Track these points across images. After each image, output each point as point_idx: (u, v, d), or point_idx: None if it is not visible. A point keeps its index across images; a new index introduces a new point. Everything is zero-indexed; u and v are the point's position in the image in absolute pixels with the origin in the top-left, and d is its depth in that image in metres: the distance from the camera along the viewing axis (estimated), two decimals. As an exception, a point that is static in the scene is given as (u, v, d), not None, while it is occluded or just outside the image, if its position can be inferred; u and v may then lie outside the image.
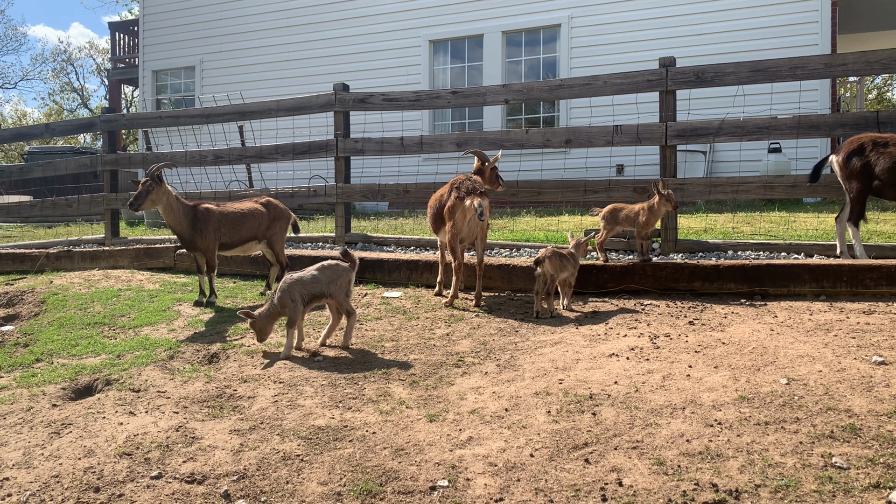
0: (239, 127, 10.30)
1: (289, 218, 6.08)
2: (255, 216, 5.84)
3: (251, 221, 5.82)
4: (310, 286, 4.28)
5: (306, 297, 4.27)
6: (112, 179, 9.11)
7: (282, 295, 4.24)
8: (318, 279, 4.30)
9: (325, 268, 4.35)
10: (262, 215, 5.87)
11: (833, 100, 12.19)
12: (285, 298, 4.23)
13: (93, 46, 48.42)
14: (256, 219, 5.85)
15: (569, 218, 9.25)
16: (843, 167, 5.49)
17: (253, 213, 5.85)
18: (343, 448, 2.99)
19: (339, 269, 4.36)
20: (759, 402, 3.15)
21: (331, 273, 4.34)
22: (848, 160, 5.44)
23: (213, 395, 3.68)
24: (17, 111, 46.93)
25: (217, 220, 5.67)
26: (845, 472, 2.52)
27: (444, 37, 14.77)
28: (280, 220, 5.99)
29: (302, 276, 4.30)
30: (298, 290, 4.25)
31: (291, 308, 4.22)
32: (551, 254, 4.88)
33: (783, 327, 4.28)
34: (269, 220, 5.91)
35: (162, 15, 17.68)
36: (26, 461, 3.00)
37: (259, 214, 5.86)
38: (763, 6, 12.29)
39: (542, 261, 4.84)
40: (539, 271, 4.88)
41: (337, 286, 4.33)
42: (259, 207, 5.90)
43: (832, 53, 11.33)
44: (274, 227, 5.94)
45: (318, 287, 4.29)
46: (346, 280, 4.37)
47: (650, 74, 6.33)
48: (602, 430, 2.99)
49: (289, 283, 4.28)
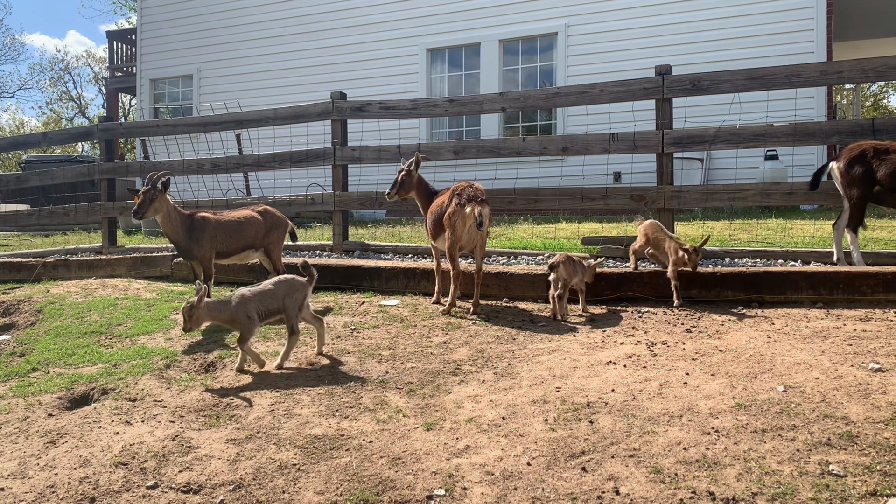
0: (236, 135, 10.32)
1: (286, 226, 6.06)
2: (251, 224, 5.83)
3: (248, 230, 5.80)
4: (267, 301, 4.13)
5: (262, 313, 4.12)
6: (109, 188, 9.11)
7: (236, 310, 4.05)
8: (274, 294, 4.17)
9: (282, 282, 4.24)
10: (258, 224, 5.86)
11: (829, 107, 12.23)
12: (240, 315, 4.04)
13: (90, 55, 48.54)
14: (253, 227, 5.83)
15: (566, 225, 9.26)
16: (844, 174, 5.50)
17: (250, 221, 5.83)
18: (340, 457, 2.99)
19: (295, 284, 4.25)
20: (756, 409, 3.15)
21: (287, 287, 4.22)
22: (849, 167, 5.45)
23: (210, 404, 3.67)
24: (14, 120, 46.98)
25: (213, 229, 5.65)
26: (842, 480, 2.51)
27: (441, 45, 14.81)
28: (277, 228, 5.97)
29: (258, 292, 4.15)
30: (254, 307, 4.08)
31: (246, 325, 4.04)
32: (565, 258, 5.03)
33: (780, 334, 4.29)
34: (265, 229, 5.89)
35: (160, 24, 17.72)
36: (21, 471, 2.99)
37: (256, 223, 5.85)
38: (759, 14, 12.34)
39: (557, 265, 4.97)
40: (553, 276, 5.01)
41: (292, 300, 4.20)
42: (256, 216, 5.89)
43: (828, 61, 11.38)
44: (271, 235, 5.92)
45: (275, 303, 4.16)
46: (301, 294, 4.25)
47: (646, 82, 6.35)
48: (599, 439, 2.98)
49: (244, 299, 4.09)
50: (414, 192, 5.87)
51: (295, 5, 16.01)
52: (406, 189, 5.81)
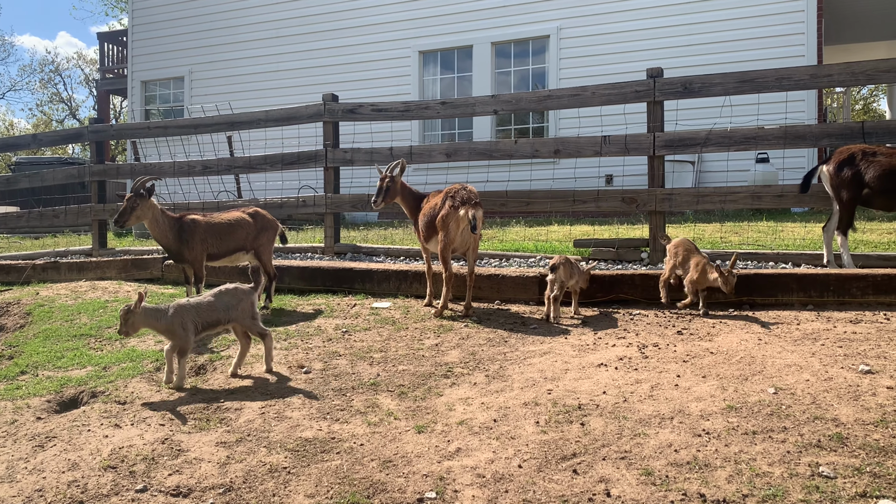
0: (228, 137, 10.29)
1: (276, 228, 6.03)
2: (242, 226, 5.80)
3: (238, 232, 5.78)
4: (205, 314, 3.98)
5: (200, 325, 3.96)
6: (100, 190, 9.07)
7: (172, 320, 3.89)
8: (214, 306, 4.01)
9: (223, 293, 4.08)
10: (249, 225, 5.83)
11: (820, 110, 12.30)
12: (175, 326, 3.88)
13: (81, 57, 48.33)
14: (244, 229, 5.80)
15: (558, 227, 9.27)
16: (833, 177, 5.52)
17: (240, 223, 5.81)
18: (330, 460, 2.97)
19: (238, 293, 4.10)
20: (747, 411, 3.16)
21: (229, 298, 4.07)
22: (839, 170, 5.48)
23: (200, 406, 3.66)
24: (4, 121, 46.72)
25: (204, 231, 5.63)
26: (832, 482, 2.52)
27: (433, 48, 14.81)
28: (267, 230, 5.94)
29: (198, 303, 4.01)
30: (192, 319, 3.93)
31: (182, 337, 3.89)
32: (564, 261, 5.06)
33: (771, 336, 4.30)
34: (256, 231, 5.86)
35: (151, 25, 17.65)
36: (9, 475, 2.97)
37: (246, 225, 5.82)
38: (750, 17, 12.40)
39: (557, 267, 5.01)
40: (552, 277, 5.04)
41: (239, 311, 4.05)
42: (246, 218, 5.86)
43: (818, 64, 11.44)
44: (261, 237, 5.89)
45: (215, 315, 4.00)
46: (248, 303, 4.10)
47: (638, 85, 6.36)
48: (590, 441, 2.98)
49: (181, 310, 3.93)
50: (399, 197, 5.85)
51: (287, 7, 15.99)
52: (391, 195, 5.78)
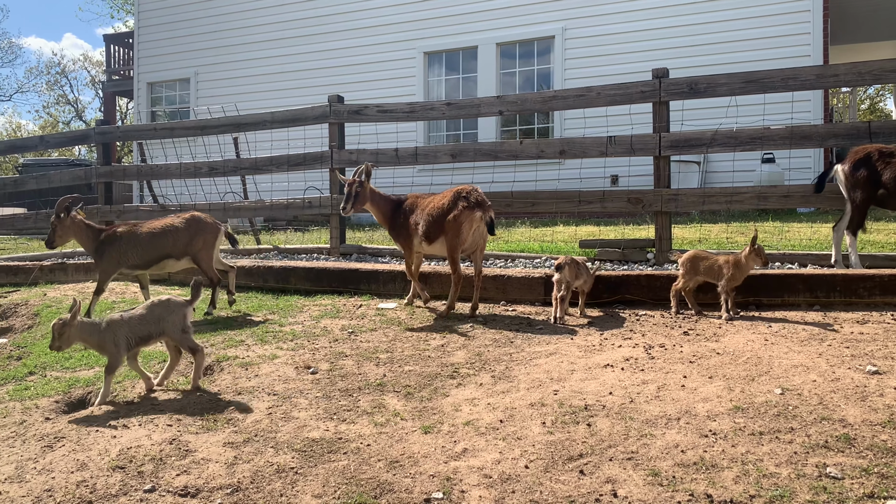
0: (234, 139, 10.32)
1: (216, 232, 5.83)
2: (168, 234, 5.67)
3: (164, 239, 5.65)
4: (137, 328, 3.86)
5: (133, 340, 3.84)
6: (107, 191, 9.12)
7: (104, 335, 3.78)
8: (146, 319, 3.89)
9: (156, 305, 3.96)
10: (178, 232, 5.68)
11: (826, 110, 12.27)
12: (107, 341, 3.78)
13: (87, 59, 48.53)
14: (171, 236, 5.67)
15: (564, 228, 9.27)
16: (848, 176, 5.50)
17: (167, 230, 5.68)
18: (337, 460, 2.98)
19: (171, 305, 3.96)
20: (754, 412, 3.15)
21: (162, 310, 3.94)
22: (855, 169, 5.46)
23: (207, 407, 3.67)
24: (11, 123, 46.98)
25: (124, 244, 5.61)
26: (840, 482, 2.52)
27: (438, 49, 14.83)
28: (203, 234, 5.75)
29: (130, 317, 3.88)
30: (124, 334, 3.81)
31: (113, 353, 3.78)
32: (570, 261, 5.06)
33: (777, 337, 4.29)
34: (188, 237, 5.69)
35: (157, 27, 17.72)
36: (18, 475, 2.98)
37: (174, 231, 5.68)
38: (756, 17, 12.38)
39: (563, 267, 5.01)
40: (558, 277, 5.03)
41: (169, 324, 3.91)
42: (176, 224, 5.72)
43: (824, 64, 11.43)
44: (195, 243, 5.72)
45: (147, 328, 3.88)
46: (180, 315, 3.95)
47: (643, 86, 6.36)
48: (597, 441, 2.98)
49: (114, 324, 3.82)
50: (369, 203, 5.65)
51: (293, 9, 16.03)
52: (361, 201, 5.58)
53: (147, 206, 10.09)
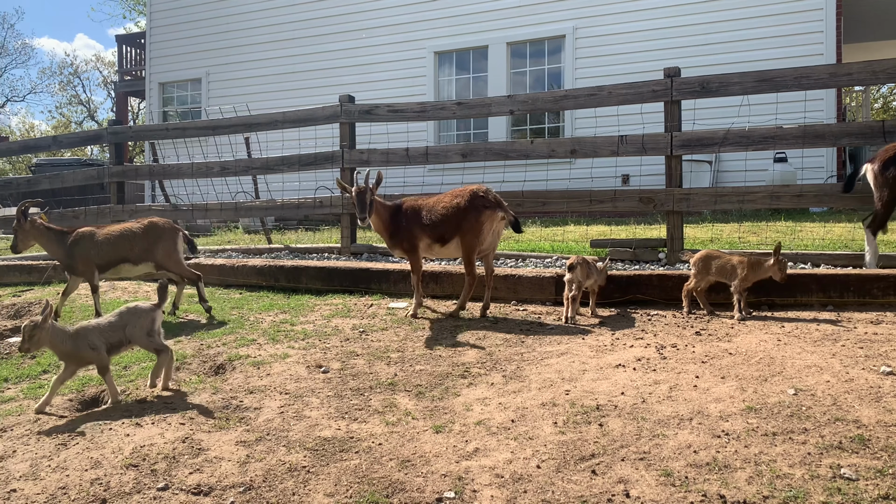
0: (245, 138, 10.36)
1: (174, 237, 5.83)
2: (126, 238, 5.71)
3: (122, 244, 5.69)
4: (108, 334, 3.85)
5: (106, 345, 3.83)
6: (119, 191, 9.17)
7: (74, 344, 3.75)
8: (115, 326, 3.89)
9: (125, 312, 3.95)
10: (135, 237, 5.71)
11: (839, 109, 12.19)
12: (83, 347, 3.75)
13: (99, 59, 48.83)
14: (128, 241, 5.70)
15: (574, 227, 9.25)
16: (878, 175, 5.45)
17: (124, 235, 5.72)
18: (349, 459, 2.99)
19: (138, 311, 3.96)
20: (767, 412, 3.14)
21: (129, 316, 3.93)
22: (884, 169, 5.40)
23: (220, 406, 3.68)
24: (24, 124, 47.30)
25: (90, 243, 5.67)
26: (854, 484, 2.50)
27: (449, 48, 14.83)
28: (162, 239, 5.76)
29: (99, 324, 3.87)
30: (97, 338, 3.79)
31: (94, 357, 3.77)
32: (582, 261, 5.04)
33: (790, 337, 4.27)
34: (147, 241, 5.72)
35: (168, 28, 17.80)
36: (34, 472, 3.01)
37: (131, 236, 5.71)
38: (768, 16, 12.31)
39: (574, 267, 5.00)
40: (569, 276, 5.02)
41: (136, 329, 3.90)
42: (133, 228, 5.75)
43: (837, 63, 11.35)
44: (157, 247, 5.74)
45: (117, 335, 3.88)
46: (147, 321, 3.94)
47: (655, 85, 6.34)
48: (609, 442, 2.98)
49: (83, 332, 3.79)
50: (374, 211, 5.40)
51: (303, 9, 16.06)
52: (373, 209, 5.30)
53: (159, 205, 10.14)
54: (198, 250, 6.44)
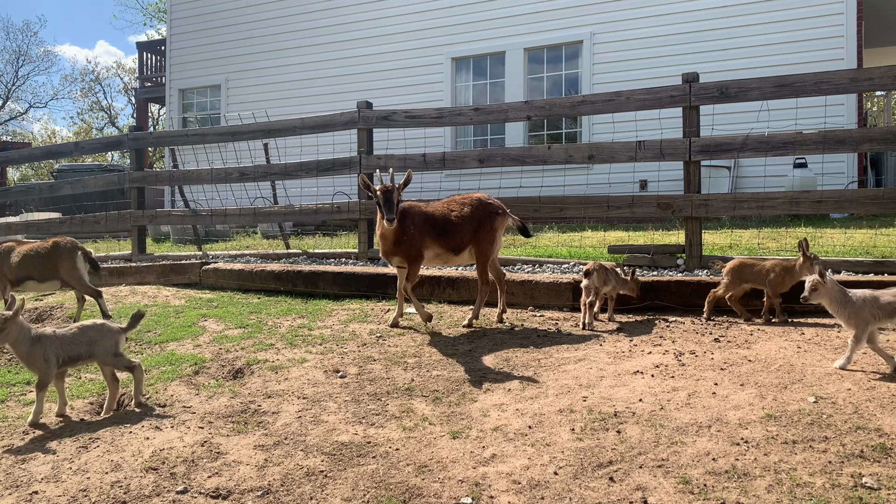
0: (264, 144, 10.43)
1: (73, 256, 5.84)
2: (32, 257, 5.84)
3: (27, 261, 5.84)
4: (68, 347, 3.76)
5: (62, 357, 3.73)
6: (139, 196, 9.25)
7: (34, 348, 3.67)
8: (78, 339, 3.80)
9: (89, 328, 3.87)
10: (40, 256, 5.83)
11: (860, 114, 12.07)
12: (36, 357, 3.66)
13: (120, 66, 49.37)
14: (34, 260, 5.84)
15: (592, 233, 9.22)
16: None
17: (31, 254, 5.85)
18: (366, 464, 3.00)
19: (103, 330, 3.87)
20: (787, 420, 3.11)
21: (94, 333, 3.84)
22: None
23: (238, 410, 3.71)
24: (46, 130, 47.89)
25: (5, 258, 5.83)
26: (876, 493, 2.47)
27: (466, 54, 14.86)
28: (64, 259, 5.81)
29: (62, 335, 3.78)
30: (54, 350, 3.70)
31: (43, 369, 3.67)
32: (599, 267, 5.01)
33: (810, 344, 4.23)
34: (52, 261, 5.81)
35: (188, 35, 17.99)
36: (55, 475, 3.04)
37: (37, 256, 5.84)
38: (788, 21, 12.22)
39: (591, 273, 4.96)
40: (587, 283, 4.98)
41: (101, 348, 3.82)
42: (39, 248, 5.87)
43: (858, 68, 11.24)
44: (60, 268, 5.82)
45: (77, 349, 3.78)
46: (111, 342, 3.86)
47: (673, 90, 6.31)
48: (627, 449, 2.96)
49: (45, 339, 3.71)
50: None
51: (321, 16, 16.17)
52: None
53: (179, 210, 10.24)
54: (100, 268, 6.43)
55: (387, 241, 5.13)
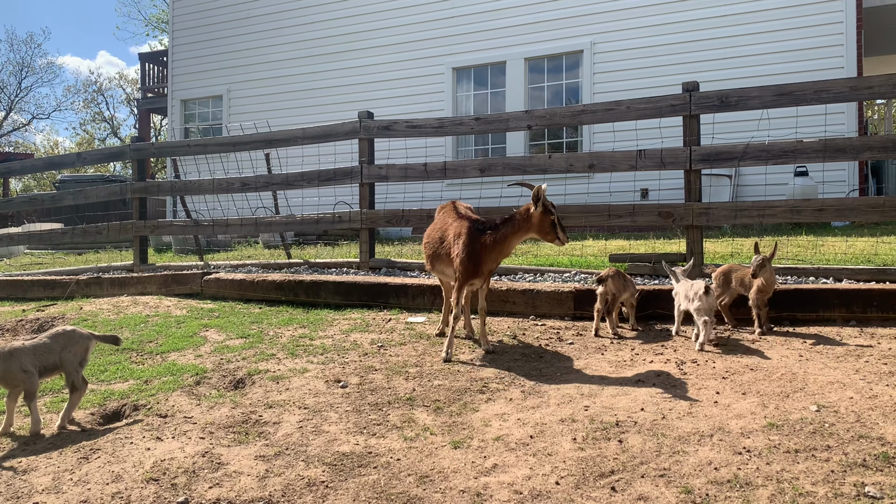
0: (265, 154, 10.46)
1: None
2: None
3: None
4: (43, 356, 3.74)
5: (38, 368, 3.71)
6: (141, 207, 9.27)
7: (9, 364, 3.62)
8: (51, 348, 3.77)
9: (60, 335, 3.85)
10: None
11: (860, 122, 12.08)
12: (14, 370, 3.62)
13: (122, 77, 49.57)
14: None
15: (593, 242, 9.22)
16: None
17: None
18: (368, 475, 2.99)
19: (74, 336, 3.87)
20: (789, 429, 3.10)
21: (65, 340, 3.83)
22: None
23: (239, 420, 3.70)
24: (49, 140, 48.06)
25: None
26: (878, 502, 2.46)
27: (466, 64, 14.91)
28: None
29: (33, 345, 3.76)
30: (30, 361, 3.67)
31: (26, 379, 3.65)
32: (614, 273, 4.97)
33: (812, 353, 4.22)
34: None
35: (190, 46, 18.07)
36: (56, 486, 3.04)
37: None
38: (787, 30, 12.26)
39: (605, 279, 4.93)
40: (601, 289, 4.95)
41: (71, 354, 3.80)
42: None
43: (858, 76, 11.25)
44: None
45: (52, 358, 3.76)
46: (81, 348, 3.86)
47: (673, 99, 6.33)
48: (628, 458, 2.96)
49: (15, 353, 3.67)
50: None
51: (323, 27, 16.25)
52: None
53: (180, 221, 10.25)
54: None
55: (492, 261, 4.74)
